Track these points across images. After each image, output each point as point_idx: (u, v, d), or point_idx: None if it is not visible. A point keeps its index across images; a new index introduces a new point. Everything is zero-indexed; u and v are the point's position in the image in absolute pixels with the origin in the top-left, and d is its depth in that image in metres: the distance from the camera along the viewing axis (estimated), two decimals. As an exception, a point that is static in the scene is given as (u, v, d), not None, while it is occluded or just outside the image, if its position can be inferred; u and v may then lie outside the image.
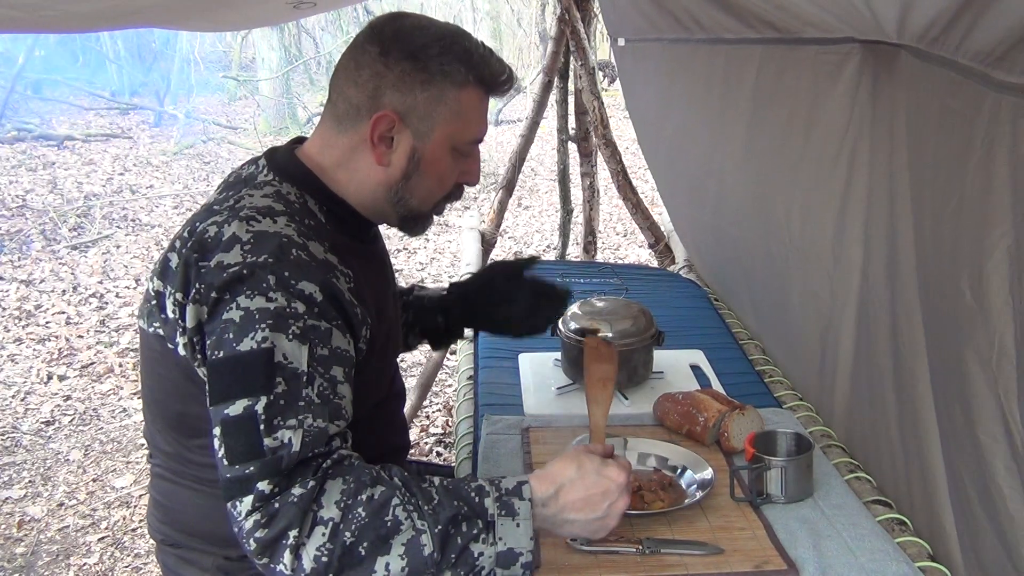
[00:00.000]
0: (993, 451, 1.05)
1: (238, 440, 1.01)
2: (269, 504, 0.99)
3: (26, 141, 8.95)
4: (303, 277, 1.06)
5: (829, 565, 1.21)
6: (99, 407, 3.79)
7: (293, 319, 1.04)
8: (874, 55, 1.33)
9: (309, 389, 1.04)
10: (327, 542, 0.98)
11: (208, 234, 1.09)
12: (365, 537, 0.99)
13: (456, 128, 1.19)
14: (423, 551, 1.00)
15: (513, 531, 1.04)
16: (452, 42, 1.17)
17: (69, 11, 1.31)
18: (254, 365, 1.02)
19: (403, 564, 0.99)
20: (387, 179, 1.20)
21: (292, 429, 1.01)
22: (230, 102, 11.82)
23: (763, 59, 1.77)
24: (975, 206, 1.04)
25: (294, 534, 0.97)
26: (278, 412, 1.01)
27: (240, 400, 1.01)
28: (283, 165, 1.21)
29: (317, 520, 0.98)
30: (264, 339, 1.02)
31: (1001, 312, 1.00)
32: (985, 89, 0.99)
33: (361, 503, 1.00)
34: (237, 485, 1.00)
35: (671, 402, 1.60)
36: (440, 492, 1.04)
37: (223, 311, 1.04)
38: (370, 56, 1.16)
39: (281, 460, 0.99)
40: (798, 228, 1.73)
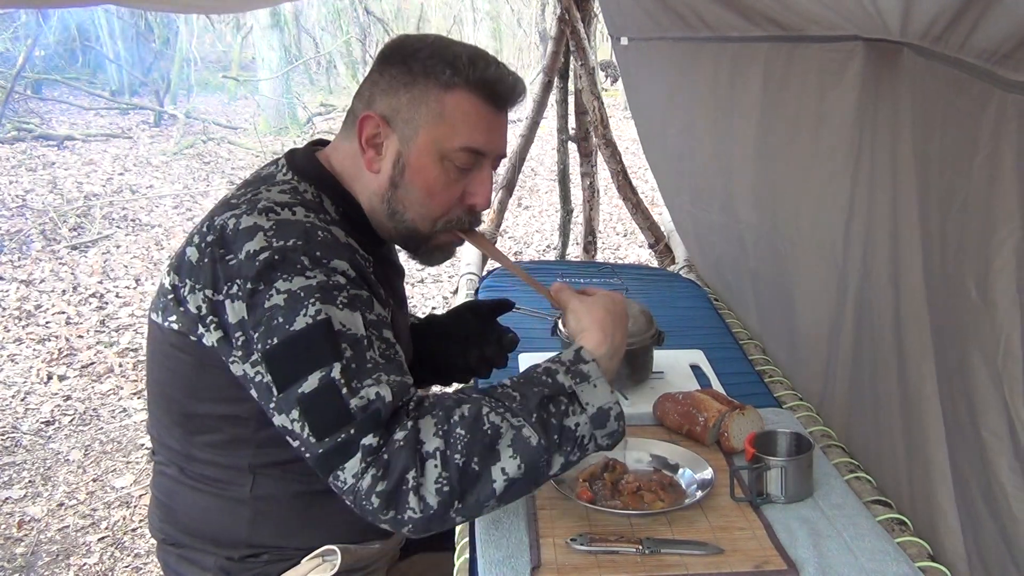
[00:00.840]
0: (997, 450, 1.05)
1: (323, 411, 1.01)
2: (379, 456, 0.99)
3: (26, 141, 8.95)
4: (334, 255, 1.08)
5: (829, 565, 1.21)
6: (99, 407, 3.79)
7: (337, 290, 1.06)
8: (878, 53, 1.33)
9: (372, 351, 1.05)
10: (442, 471, 0.99)
11: (228, 227, 1.09)
12: (474, 452, 1.00)
13: (441, 132, 1.17)
14: (530, 442, 1.03)
15: (593, 392, 1.08)
16: (445, 48, 1.17)
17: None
18: (316, 338, 1.02)
19: (517, 463, 1.02)
20: (378, 186, 1.20)
21: (375, 384, 1.02)
22: (230, 102, 11.82)
23: (769, 57, 1.77)
24: (981, 204, 1.03)
25: (412, 475, 0.98)
26: (354, 375, 1.02)
27: (312, 374, 1.01)
28: (301, 165, 1.22)
29: (425, 456, 0.99)
30: (318, 312, 1.03)
31: (1008, 311, 1.00)
32: (991, 87, 0.98)
33: (457, 424, 1.01)
34: (336, 454, 1.00)
35: (671, 402, 1.60)
36: (517, 387, 1.07)
37: (263, 300, 1.04)
38: (372, 68, 1.21)
39: (379, 412, 1.00)
40: (807, 226, 1.72)
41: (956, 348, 1.14)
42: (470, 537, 1.29)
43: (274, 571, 1.23)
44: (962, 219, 1.09)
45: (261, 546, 1.22)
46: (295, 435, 1.03)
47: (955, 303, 1.13)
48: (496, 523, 1.30)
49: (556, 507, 1.34)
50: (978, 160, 1.03)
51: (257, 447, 1.17)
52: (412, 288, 5.12)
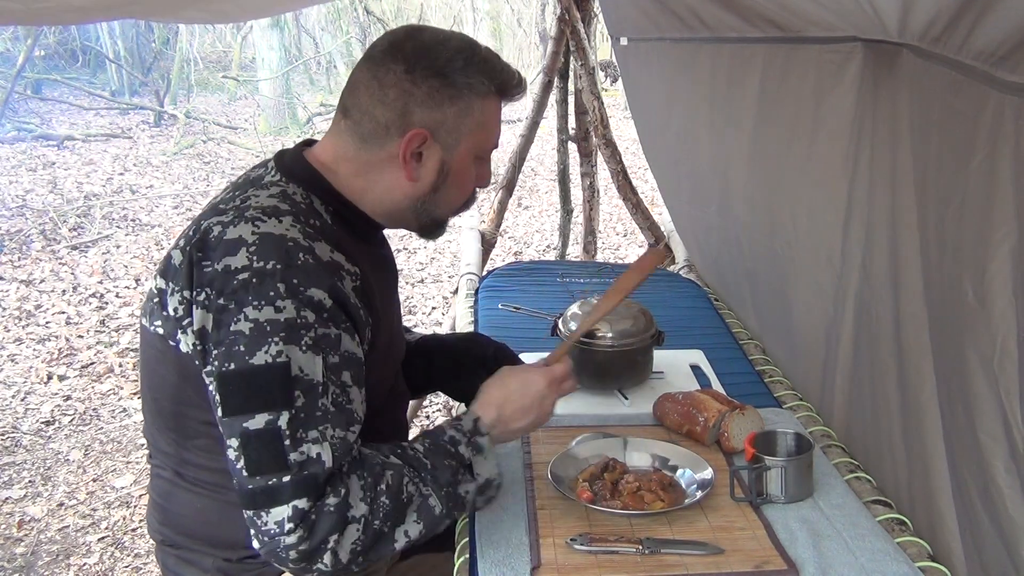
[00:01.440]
0: (993, 451, 1.05)
1: (262, 453, 1.03)
2: (307, 518, 1.03)
3: (26, 141, 8.95)
4: (311, 283, 1.07)
5: (829, 565, 1.21)
6: (99, 407, 3.79)
7: (305, 329, 1.05)
8: (877, 54, 1.33)
9: (325, 399, 1.07)
10: (360, 535, 1.06)
11: (212, 233, 1.09)
12: (388, 518, 1.09)
13: (480, 138, 1.23)
14: (434, 511, 1.13)
15: (484, 464, 1.19)
16: (472, 54, 1.19)
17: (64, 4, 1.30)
18: (271, 380, 1.04)
19: (420, 528, 1.12)
20: (415, 192, 1.22)
21: (317, 443, 1.05)
22: (230, 102, 11.82)
23: (767, 58, 1.77)
24: (978, 206, 1.03)
25: (334, 538, 1.04)
26: (300, 425, 1.04)
27: (260, 414, 1.03)
28: (290, 167, 1.21)
29: (350, 520, 1.05)
30: (279, 353, 1.04)
31: (1004, 312, 1.00)
32: (988, 89, 0.98)
33: (382, 492, 1.08)
34: (263, 496, 1.03)
35: (671, 402, 1.60)
36: (429, 455, 1.16)
37: (231, 321, 1.05)
38: (395, 75, 1.16)
39: (316, 477, 1.04)
40: (804, 227, 1.72)
41: (954, 349, 1.14)
42: (470, 537, 1.29)
43: (272, 571, 1.23)
44: (959, 221, 1.09)
45: None
46: (230, 460, 1.06)
47: (952, 305, 1.13)
48: (496, 523, 1.30)
49: (556, 507, 1.34)
50: (975, 162, 1.03)
51: None
52: (412, 288, 5.12)
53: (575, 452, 1.46)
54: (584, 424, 1.61)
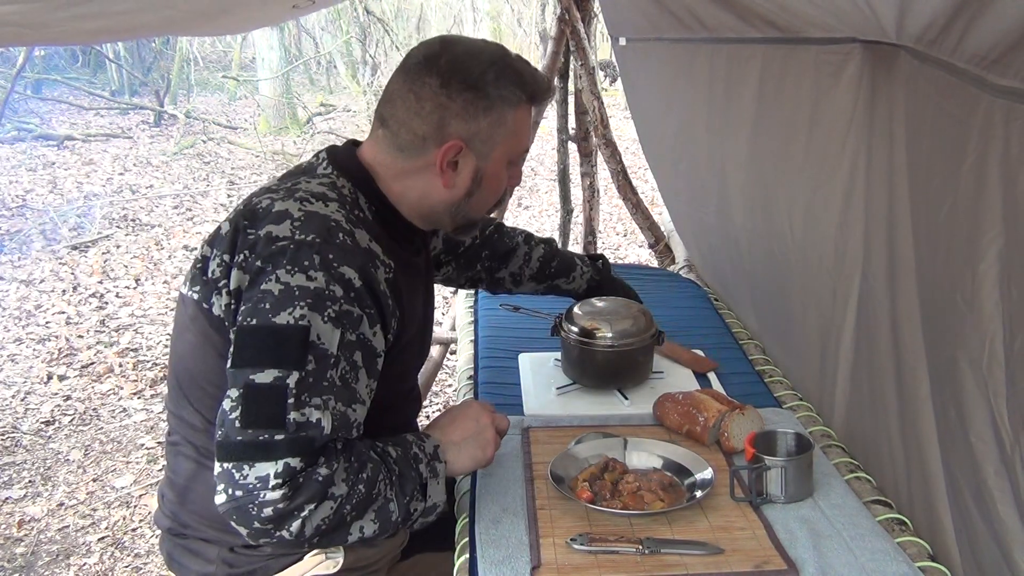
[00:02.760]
0: (984, 454, 1.05)
1: (262, 407, 1.05)
2: (296, 478, 1.04)
3: (26, 141, 8.94)
4: (345, 261, 1.11)
5: (829, 565, 1.21)
6: (99, 407, 3.79)
7: (330, 301, 1.09)
8: (875, 55, 1.33)
9: (334, 371, 1.10)
10: (332, 514, 1.08)
11: (261, 205, 1.16)
12: (356, 508, 1.11)
13: (512, 144, 1.28)
14: (391, 517, 1.15)
15: (436, 489, 1.22)
16: (504, 66, 1.23)
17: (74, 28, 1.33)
18: (290, 339, 1.07)
19: (374, 528, 1.14)
20: (451, 198, 1.28)
21: (319, 409, 1.07)
22: (230, 102, 11.82)
23: (765, 59, 1.77)
24: (968, 209, 1.04)
25: (310, 508, 1.06)
26: (306, 389, 1.06)
27: (270, 369, 1.06)
28: (343, 162, 1.27)
29: (329, 496, 1.07)
30: (302, 316, 1.07)
31: (992, 315, 1.00)
32: (980, 92, 0.99)
33: (362, 480, 1.11)
34: (251, 449, 1.04)
35: (671, 402, 1.60)
36: (399, 464, 1.18)
37: (263, 281, 1.09)
38: (430, 89, 1.20)
39: (314, 440, 1.06)
40: (800, 227, 1.73)
41: (946, 351, 1.14)
42: (470, 537, 1.29)
43: (276, 565, 1.24)
44: (950, 223, 1.10)
45: None
46: (223, 410, 1.06)
47: (944, 307, 1.13)
48: (496, 523, 1.31)
49: (556, 507, 1.34)
50: (966, 164, 1.03)
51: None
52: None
53: (575, 452, 1.46)
54: (584, 424, 1.61)
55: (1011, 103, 0.93)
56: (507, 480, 1.42)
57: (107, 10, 1.24)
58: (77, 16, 1.22)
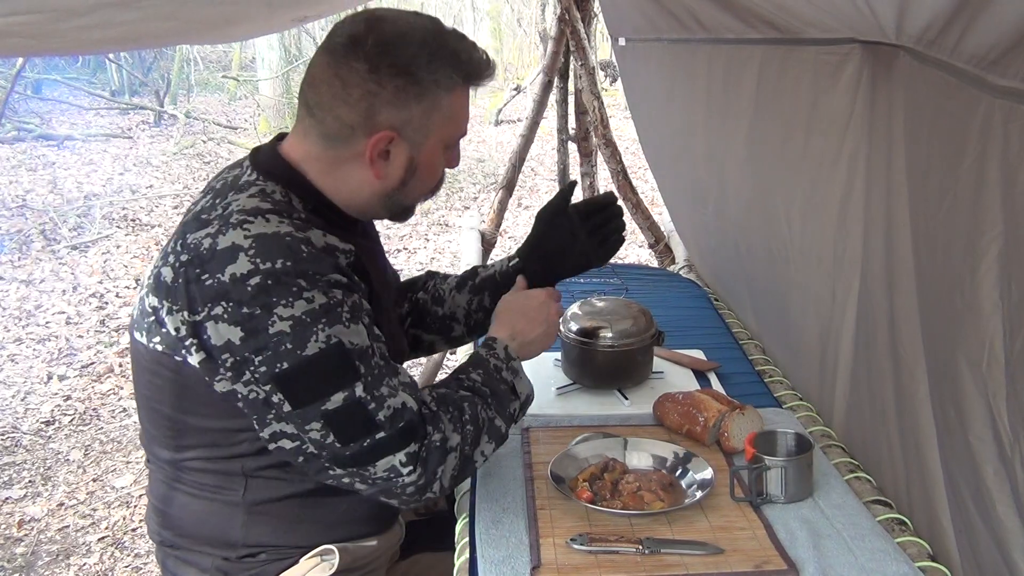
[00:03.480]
0: (983, 454, 1.05)
1: (351, 425, 1.09)
2: (419, 457, 1.12)
3: (26, 141, 8.94)
4: (323, 268, 1.10)
5: (829, 565, 1.21)
6: (99, 407, 3.79)
7: (339, 307, 1.10)
8: (874, 55, 1.33)
9: (376, 357, 1.13)
10: (457, 461, 1.16)
11: (204, 247, 1.08)
12: (473, 443, 1.19)
13: (449, 130, 1.22)
14: (500, 430, 1.25)
15: (522, 383, 1.30)
16: (438, 47, 1.15)
17: (80, 38, 1.33)
18: (331, 362, 1.08)
19: (492, 446, 1.23)
20: (383, 188, 1.22)
21: (393, 395, 1.12)
22: (230, 102, 11.81)
23: (764, 59, 1.77)
24: (967, 209, 1.04)
25: (441, 469, 1.15)
26: (373, 387, 1.10)
27: (336, 394, 1.08)
28: (267, 164, 1.20)
29: (449, 450, 1.15)
30: (328, 337, 1.07)
31: (991, 315, 1.00)
32: (979, 92, 0.98)
33: (467, 421, 1.18)
34: (365, 455, 1.10)
35: (671, 402, 1.60)
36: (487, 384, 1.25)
37: (265, 326, 1.05)
38: (358, 75, 1.12)
39: (412, 422, 1.12)
40: (799, 228, 1.73)
41: (945, 351, 1.14)
42: (470, 537, 1.29)
43: (272, 570, 1.24)
44: (949, 223, 1.09)
45: (257, 546, 1.23)
46: (311, 441, 1.10)
47: (943, 307, 1.13)
48: (496, 523, 1.31)
49: (556, 507, 1.34)
50: (965, 164, 1.03)
51: (255, 454, 1.18)
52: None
53: (575, 452, 1.46)
54: (584, 424, 1.61)
55: (1011, 103, 0.93)
56: (507, 480, 1.42)
57: (111, 20, 1.23)
58: (82, 27, 1.22)
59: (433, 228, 6.46)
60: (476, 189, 7.49)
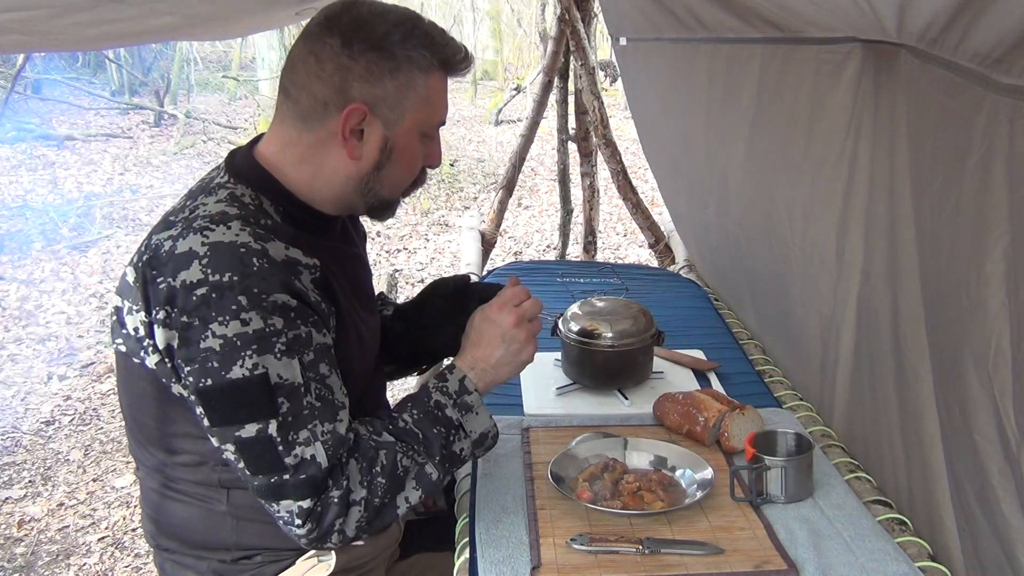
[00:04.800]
0: (988, 453, 1.05)
1: (259, 457, 1.07)
2: (314, 512, 1.09)
3: (26, 141, 8.94)
4: (272, 289, 1.05)
5: (829, 565, 1.21)
6: (99, 407, 3.79)
7: (275, 336, 1.05)
8: (875, 55, 1.33)
9: (309, 397, 1.09)
10: (363, 513, 1.12)
11: (163, 248, 1.07)
12: (387, 493, 1.14)
13: (425, 114, 1.18)
14: (431, 477, 1.17)
15: (475, 420, 1.22)
16: (412, 27, 1.14)
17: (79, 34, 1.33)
18: (253, 391, 1.05)
19: (419, 493, 1.17)
20: (358, 172, 1.18)
21: (309, 444, 1.08)
22: (230, 102, 11.81)
23: (765, 58, 1.77)
24: (973, 207, 1.04)
25: (339, 522, 1.10)
26: (289, 428, 1.07)
27: (249, 424, 1.06)
28: (240, 167, 1.19)
29: (351, 503, 1.11)
30: (255, 365, 1.04)
31: (998, 314, 1.00)
32: (983, 90, 0.98)
33: (378, 473, 1.13)
34: (270, 491, 1.09)
35: (671, 402, 1.60)
36: (419, 426, 1.18)
37: (198, 339, 1.04)
38: (331, 49, 1.11)
39: (315, 478, 1.08)
40: (800, 227, 1.73)
41: (950, 350, 1.14)
42: (470, 537, 1.29)
43: (269, 572, 1.24)
44: (954, 222, 1.09)
45: (252, 548, 1.23)
46: (230, 460, 1.10)
47: (949, 306, 1.13)
48: (496, 523, 1.31)
49: (556, 507, 1.34)
50: (970, 163, 1.03)
51: (224, 464, 1.15)
52: (412, 288, 5.12)
53: (575, 452, 1.46)
54: (584, 424, 1.61)
55: (1015, 101, 0.93)
56: (507, 480, 1.42)
57: (109, 17, 1.23)
58: (79, 23, 1.22)
59: (433, 228, 6.45)
60: (476, 189, 7.49)
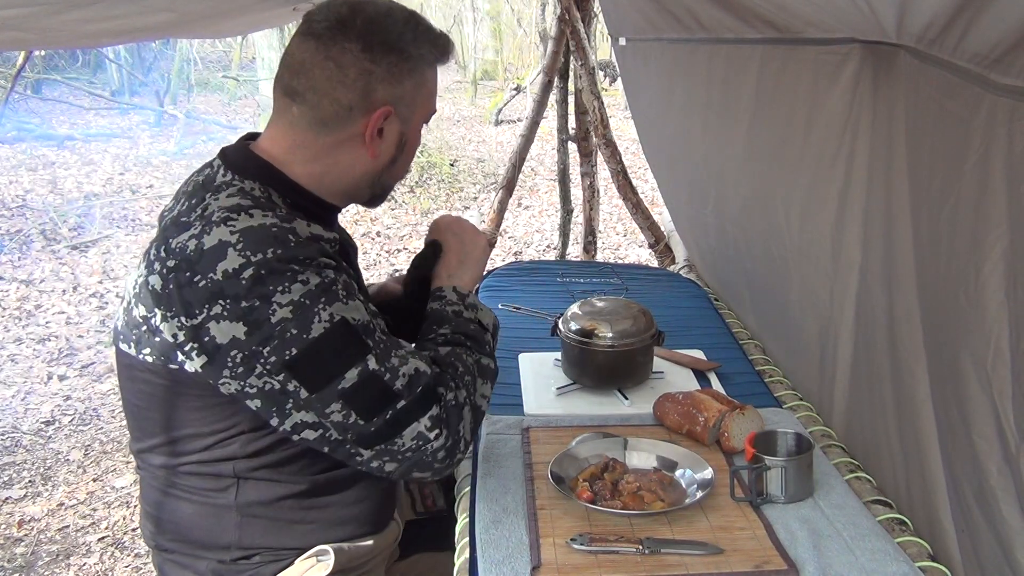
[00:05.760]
0: (987, 453, 1.05)
1: (369, 399, 1.10)
2: (441, 419, 1.14)
3: (26, 141, 8.94)
4: (310, 252, 1.10)
5: (829, 565, 1.21)
6: (99, 407, 3.79)
7: (334, 285, 1.10)
8: (874, 55, 1.33)
9: (378, 332, 1.14)
10: (471, 414, 1.20)
11: (189, 249, 1.07)
12: (475, 391, 1.22)
13: (430, 106, 1.26)
14: (490, 367, 1.29)
15: (484, 313, 1.34)
16: (416, 23, 1.19)
17: (77, 31, 1.33)
18: (340, 339, 1.08)
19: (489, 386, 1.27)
20: (375, 167, 1.23)
21: (403, 362, 1.13)
22: (230, 102, 11.81)
23: (763, 59, 1.77)
24: (971, 208, 1.04)
25: (461, 426, 1.17)
26: (384, 358, 1.12)
27: (349, 371, 1.09)
28: (241, 163, 1.19)
29: (462, 406, 1.18)
30: (330, 316, 1.08)
31: (997, 314, 1.00)
32: (982, 91, 0.98)
33: (463, 373, 1.22)
34: (389, 428, 1.11)
35: (671, 402, 1.60)
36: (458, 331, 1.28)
37: (267, 316, 1.05)
38: (352, 55, 1.13)
39: (428, 386, 1.14)
40: (797, 228, 1.73)
41: (948, 351, 1.14)
42: (470, 537, 1.29)
43: (267, 572, 1.24)
44: (953, 222, 1.09)
45: (252, 548, 1.23)
46: (334, 425, 1.10)
47: (947, 306, 1.13)
48: (496, 523, 1.31)
49: (556, 507, 1.34)
50: (969, 163, 1.03)
51: (246, 457, 1.17)
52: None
53: (575, 452, 1.46)
54: (584, 424, 1.61)
55: (1014, 101, 0.93)
56: (507, 480, 1.42)
57: (106, 13, 1.24)
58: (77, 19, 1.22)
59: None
60: (476, 189, 7.49)
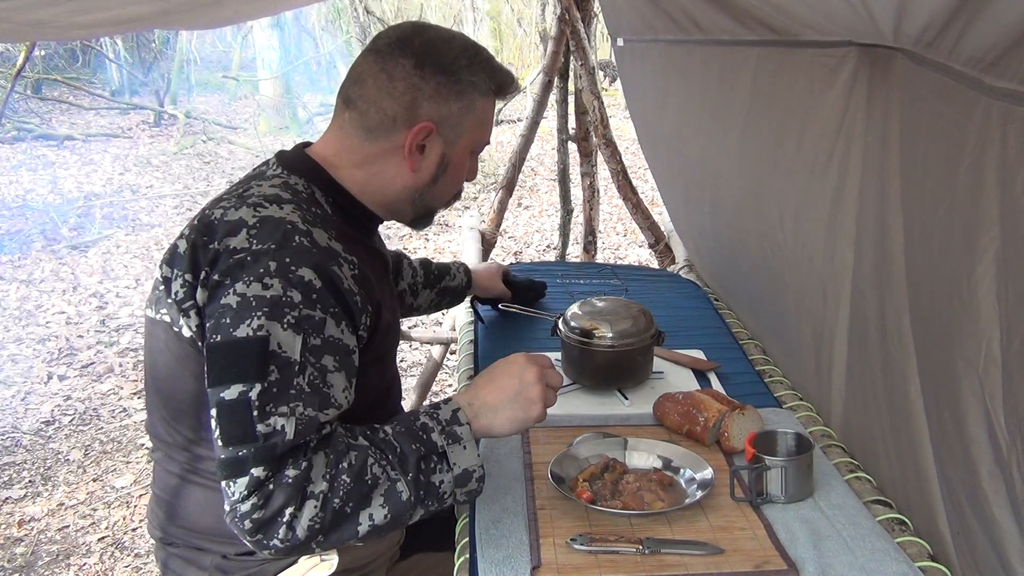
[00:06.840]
0: (978, 455, 1.05)
1: (232, 423, 1.05)
2: (264, 487, 1.03)
3: (26, 141, 8.95)
4: (303, 263, 1.09)
5: (829, 565, 1.21)
6: (99, 407, 3.79)
7: (288, 308, 1.07)
8: (871, 58, 1.33)
9: (300, 378, 1.07)
10: (319, 512, 1.05)
11: (214, 216, 1.14)
12: (351, 499, 1.06)
13: (478, 134, 1.29)
14: (401, 497, 1.10)
15: (462, 454, 1.15)
16: (475, 53, 1.25)
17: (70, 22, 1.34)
18: (249, 352, 1.05)
19: (384, 512, 1.09)
20: (415, 183, 1.27)
21: (284, 416, 1.05)
22: (230, 102, 11.82)
23: (759, 61, 1.77)
24: (964, 211, 1.04)
25: (290, 511, 1.03)
26: (270, 399, 1.05)
27: (235, 385, 1.05)
28: (291, 160, 1.26)
29: (308, 495, 1.04)
30: (260, 327, 1.06)
31: (989, 317, 1.00)
32: (977, 94, 0.99)
33: (344, 470, 1.07)
34: (231, 466, 1.04)
35: (671, 402, 1.60)
36: (398, 439, 1.13)
37: (221, 295, 1.08)
38: (404, 69, 1.20)
39: (275, 447, 1.04)
40: (791, 229, 1.73)
41: (940, 353, 1.14)
42: (470, 537, 1.29)
43: (271, 570, 1.24)
44: (946, 225, 1.10)
45: None
46: (212, 430, 1.08)
47: (939, 308, 1.13)
48: (496, 523, 1.31)
49: (556, 507, 1.34)
50: (963, 166, 1.03)
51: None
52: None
53: (575, 452, 1.46)
54: (584, 424, 1.61)
55: (1008, 105, 0.93)
56: (507, 480, 1.42)
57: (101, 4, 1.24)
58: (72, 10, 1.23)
59: (433, 228, 6.46)
60: (476, 189, 7.49)
